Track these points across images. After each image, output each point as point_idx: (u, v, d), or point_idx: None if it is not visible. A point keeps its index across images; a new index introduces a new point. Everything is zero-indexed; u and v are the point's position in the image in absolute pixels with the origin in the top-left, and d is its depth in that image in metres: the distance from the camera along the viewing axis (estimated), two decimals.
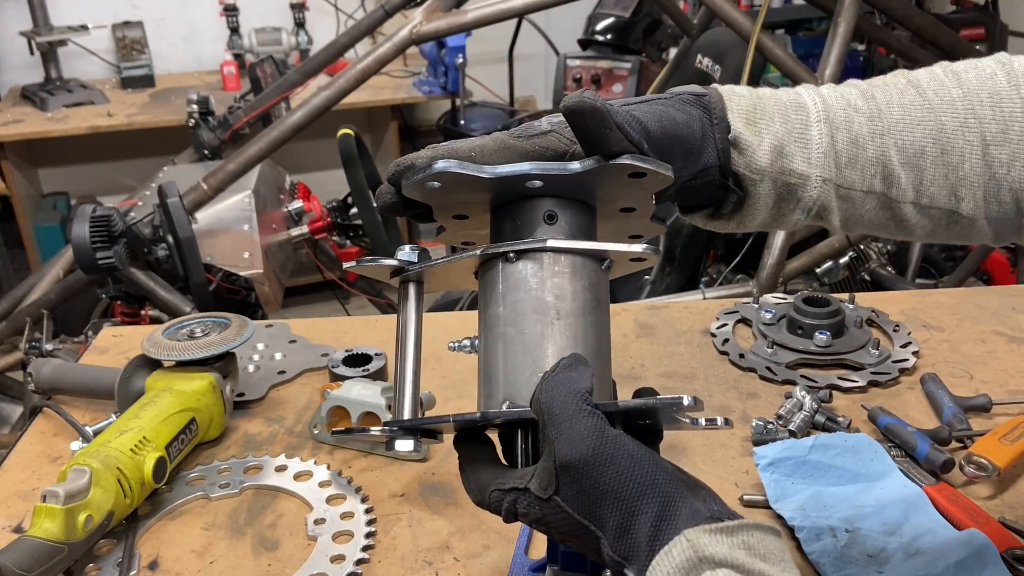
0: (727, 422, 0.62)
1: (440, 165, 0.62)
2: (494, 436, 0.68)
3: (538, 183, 0.64)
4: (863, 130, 0.69)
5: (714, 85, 0.71)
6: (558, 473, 0.56)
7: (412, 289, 0.73)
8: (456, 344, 0.70)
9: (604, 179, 0.63)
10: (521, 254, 0.64)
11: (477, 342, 0.68)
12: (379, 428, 0.67)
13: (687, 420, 0.62)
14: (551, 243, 0.64)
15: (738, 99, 0.70)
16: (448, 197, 0.66)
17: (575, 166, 0.62)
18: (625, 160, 0.61)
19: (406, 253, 0.71)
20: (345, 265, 0.73)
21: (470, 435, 0.67)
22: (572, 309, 0.64)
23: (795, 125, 0.69)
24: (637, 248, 0.65)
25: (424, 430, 0.67)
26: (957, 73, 0.71)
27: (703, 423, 0.62)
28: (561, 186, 0.64)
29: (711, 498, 0.56)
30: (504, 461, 0.66)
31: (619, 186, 0.64)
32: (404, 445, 0.66)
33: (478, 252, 0.66)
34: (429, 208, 0.68)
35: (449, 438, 0.70)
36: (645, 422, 0.63)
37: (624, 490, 0.55)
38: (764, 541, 0.53)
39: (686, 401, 0.58)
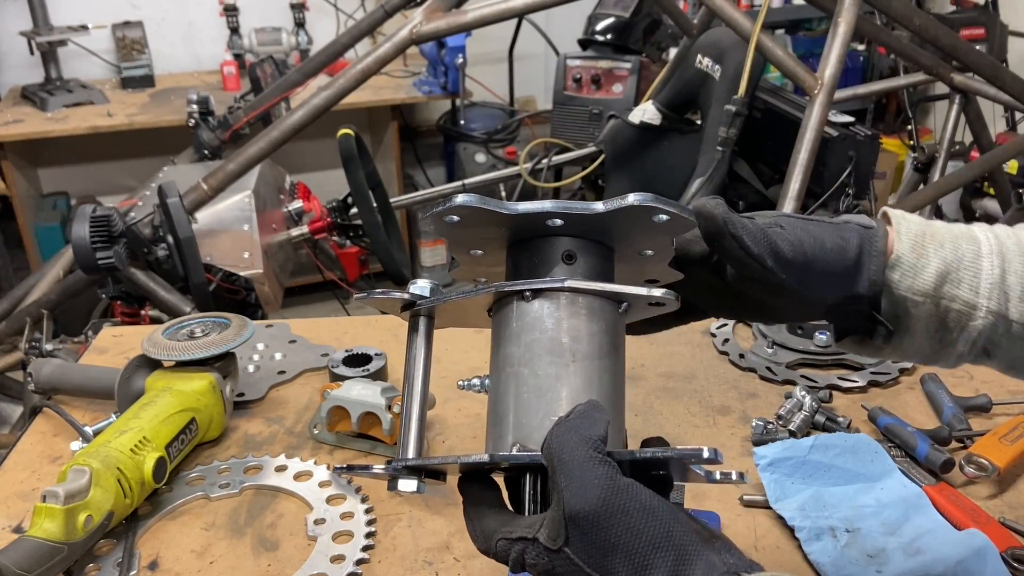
0: (741, 477, 0.60)
1: (460, 199, 0.61)
2: (499, 480, 0.66)
3: (559, 222, 0.63)
4: None
5: (885, 209, 0.71)
6: (567, 524, 0.54)
7: (422, 324, 0.70)
8: (465, 383, 0.69)
9: (626, 221, 0.63)
10: (538, 293, 0.63)
11: (487, 381, 0.66)
12: (382, 467, 0.65)
13: (701, 473, 0.60)
14: (569, 283, 0.62)
15: (907, 224, 0.69)
16: (466, 233, 0.65)
17: (598, 206, 0.62)
18: (648, 203, 0.60)
19: (419, 287, 0.69)
20: (356, 296, 0.71)
21: (475, 477, 0.65)
22: (588, 352, 0.62)
23: (965, 253, 0.68)
24: (657, 293, 0.63)
25: (429, 471, 0.65)
26: None
27: (718, 477, 0.61)
28: (581, 226, 0.64)
29: (727, 550, 0.55)
30: (510, 507, 0.64)
31: (641, 229, 0.64)
32: (407, 486, 0.64)
33: (493, 288, 0.64)
34: None
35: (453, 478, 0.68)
36: (658, 472, 0.61)
37: (636, 544, 0.53)
38: None
39: (705, 454, 0.55)
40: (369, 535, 0.95)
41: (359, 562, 0.91)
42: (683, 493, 0.87)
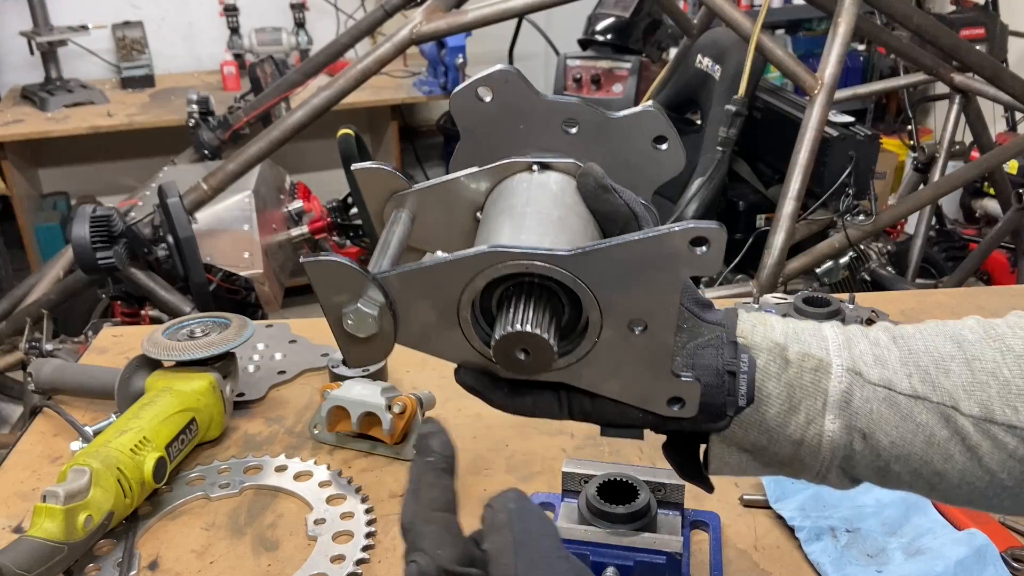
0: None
1: (501, 66, 0.65)
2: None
3: (574, 130, 0.67)
4: (881, 337, 0.62)
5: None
6: None
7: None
8: None
9: (635, 128, 0.67)
10: (545, 168, 0.65)
11: None
12: (352, 263, 0.58)
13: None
14: (574, 161, 0.66)
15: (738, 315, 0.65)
16: (488, 120, 0.67)
17: (615, 115, 0.66)
18: (654, 107, 0.66)
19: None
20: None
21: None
22: (586, 215, 0.63)
23: (805, 325, 0.63)
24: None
25: (392, 303, 0.59)
26: (961, 323, 0.64)
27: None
28: (595, 129, 0.67)
29: None
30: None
31: (643, 144, 0.67)
32: (369, 306, 0.58)
33: (508, 160, 0.66)
34: None
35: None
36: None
37: None
38: None
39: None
40: (369, 535, 0.95)
41: (359, 562, 0.91)
42: (683, 493, 0.87)
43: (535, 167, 0.65)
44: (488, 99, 0.66)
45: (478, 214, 0.67)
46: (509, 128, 0.67)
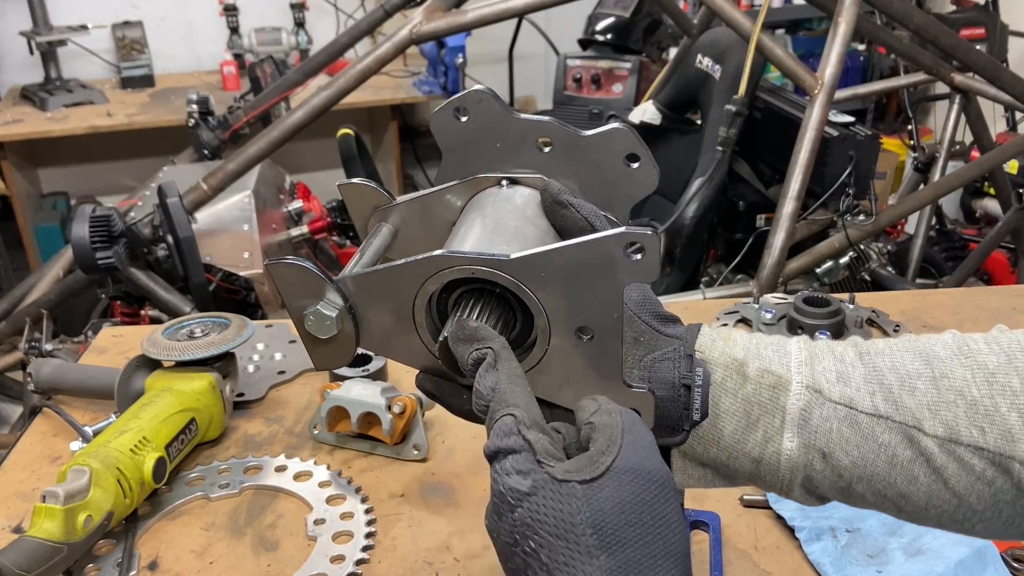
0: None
1: (479, 87, 0.66)
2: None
3: (547, 148, 0.67)
4: (848, 353, 0.60)
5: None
6: (615, 470, 0.48)
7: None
8: None
9: (606, 145, 0.66)
10: (514, 182, 0.67)
11: None
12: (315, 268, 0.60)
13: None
14: (543, 177, 0.66)
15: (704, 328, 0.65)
16: (467, 139, 0.67)
17: (586, 133, 0.66)
18: (624, 126, 0.65)
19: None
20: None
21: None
22: (546, 228, 0.64)
23: (770, 341, 0.62)
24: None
25: (351, 307, 0.60)
26: (936, 338, 0.62)
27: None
28: (568, 147, 0.67)
29: None
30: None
31: (616, 162, 0.67)
32: (328, 308, 0.60)
33: (475, 178, 0.67)
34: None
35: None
36: None
37: (670, 537, 0.49)
38: None
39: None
40: (369, 535, 0.95)
41: (359, 562, 0.91)
42: (683, 493, 0.87)
43: (504, 182, 0.67)
44: (465, 119, 0.67)
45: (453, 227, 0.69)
46: (487, 146, 0.68)
